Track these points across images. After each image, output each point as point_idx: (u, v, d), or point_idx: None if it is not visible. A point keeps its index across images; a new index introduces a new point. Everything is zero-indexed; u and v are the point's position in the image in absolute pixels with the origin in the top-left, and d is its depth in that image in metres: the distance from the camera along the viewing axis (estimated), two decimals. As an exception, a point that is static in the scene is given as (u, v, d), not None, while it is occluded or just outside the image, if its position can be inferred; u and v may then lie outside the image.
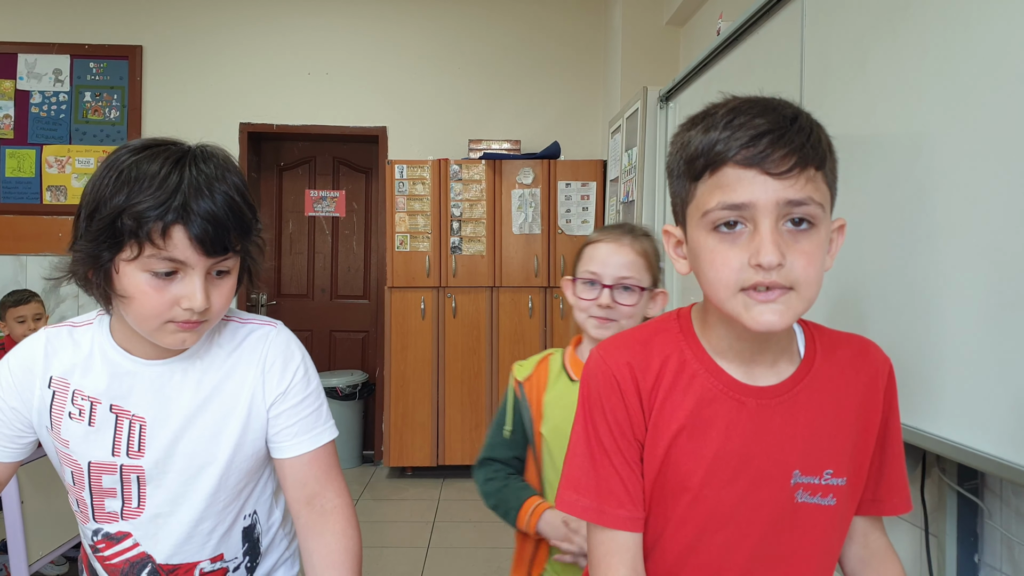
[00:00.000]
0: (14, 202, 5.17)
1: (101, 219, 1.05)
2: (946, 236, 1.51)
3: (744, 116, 0.87)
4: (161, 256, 1.04)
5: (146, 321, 1.09)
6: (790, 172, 0.85)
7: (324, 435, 1.26)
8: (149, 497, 1.19)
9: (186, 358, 1.20)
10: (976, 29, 1.44)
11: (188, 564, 1.22)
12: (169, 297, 1.07)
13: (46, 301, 5.15)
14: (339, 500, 1.25)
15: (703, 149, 0.89)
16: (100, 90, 5.24)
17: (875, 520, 1.10)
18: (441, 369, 4.98)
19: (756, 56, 2.55)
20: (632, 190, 3.82)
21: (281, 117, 5.33)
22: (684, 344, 1.03)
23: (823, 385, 1.01)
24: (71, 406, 1.17)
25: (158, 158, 1.06)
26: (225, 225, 1.06)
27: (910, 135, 1.62)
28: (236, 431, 1.21)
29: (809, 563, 1.02)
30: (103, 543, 1.21)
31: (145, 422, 1.17)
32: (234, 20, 5.32)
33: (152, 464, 1.18)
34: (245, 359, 1.23)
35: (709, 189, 0.89)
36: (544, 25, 5.42)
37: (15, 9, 5.22)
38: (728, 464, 0.99)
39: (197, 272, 1.07)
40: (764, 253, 0.86)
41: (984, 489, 1.68)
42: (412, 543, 3.93)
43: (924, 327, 1.57)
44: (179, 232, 1.03)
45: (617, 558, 1.01)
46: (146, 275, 1.06)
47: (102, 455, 1.17)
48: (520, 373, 1.63)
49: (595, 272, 1.53)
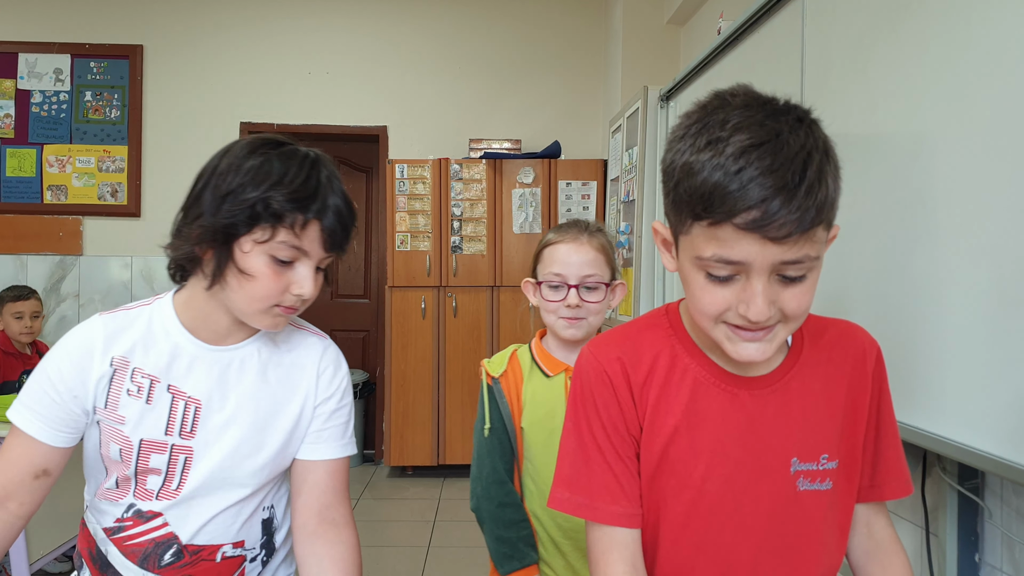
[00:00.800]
0: (15, 201, 5.18)
1: (239, 201, 1.12)
2: (947, 235, 1.50)
3: (753, 168, 0.81)
4: (290, 244, 1.13)
5: (256, 301, 1.16)
6: (789, 238, 0.83)
7: (349, 448, 1.32)
8: (190, 480, 1.21)
9: (248, 348, 1.26)
10: (977, 28, 1.44)
11: (212, 546, 1.23)
12: (284, 282, 1.15)
13: (46, 300, 5.17)
14: (349, 517, 1.29)
15: (705, 195, 0.84)
16: (101, 89, 5.24)
17: (878, 509, 1.09)
18: (442, 368, 4.98)
19: (757, 55, 2.55)
20: (633, 189, 3.82)
21: (282, 116, 5.33)
22: (675, 339, 1.03)
23: (812, 371, 1.02)
24: (129, 383, 1.19)
25: (295, 155, 1.16)
26: (347, 225, 1.17)
27: (910, 134, 1.62)
28: (287, 426, 1.26)
29: (815, 550, 1.02)
30: (131, 521, 1.21)
31: (200, 405, 1.21)
32: (234, 20, 5.32)
33: (201, 446, 1.21)
34: (302, 361, 1.30)
35: (706, 238, 0.87)
36: (545, 24, 5.42)
37: (16, 8, 5.22)
38: (727, 457, 0.99)
39: (312, 263, 1.16)
40: (753, 310, 0.86)
41: (985, 488, 1.68)
42: (413, 542, 3.93)
43: (925, 326, 1.57)
44: (315, 226, 1.14)
45: (616, 555, 1.01)
46: (267, 258, 1.14)
47: (155, 433, 1.19)
48: (494, 369, 1.64)
49: (559, 273, 1.55)
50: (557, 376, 1.58)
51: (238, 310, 1.19)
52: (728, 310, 0.89)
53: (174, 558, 1.22)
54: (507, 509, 1.56)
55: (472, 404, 4.97)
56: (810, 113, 0.89)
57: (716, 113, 0.88)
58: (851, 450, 1.03)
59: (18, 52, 5.20)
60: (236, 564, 1.27)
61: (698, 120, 0.89)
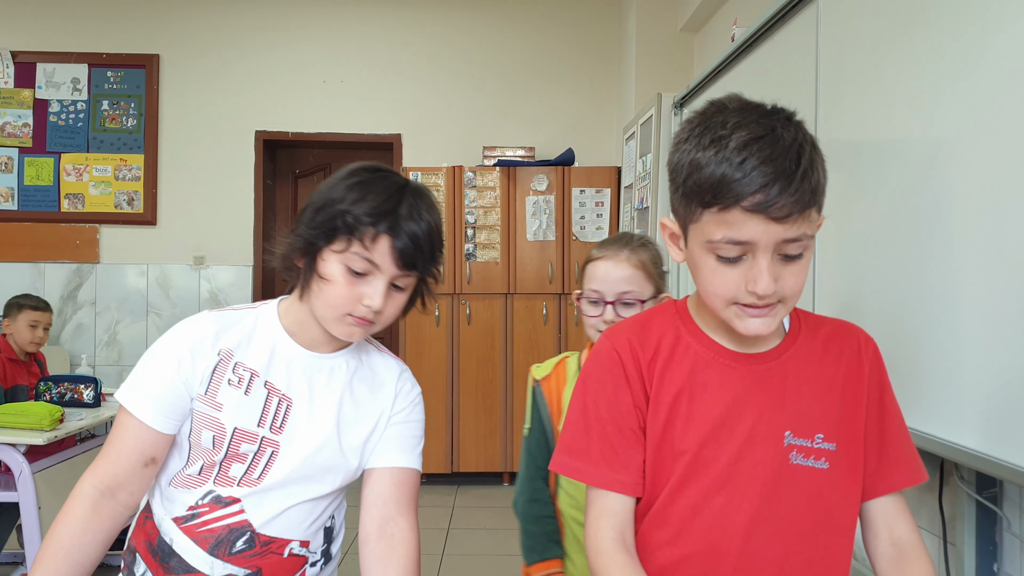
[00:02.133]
0: (32, 210, 5.23)
1: (326, 214, 1.22)
2: (963, 241, 1.50)
3: (755, 158, 0.93)
4: (362, 256, 1.20)
5: (331, 308, 1.24)
6: (789, 217, 0.94)
7: (414, 461, 1.36)
8: (272, 472, 1.26)
9: (339, 359, 1.34)
10: (992, 32, 1.43)
11: (282, 540, 1.28)
12: (356, 292, 1.22)
13: (63, 308, 5.21)
14: (411, 534, 1.31)
15: (713, 184, 0.95)
16: (117, 99, 5.29)
17: (898, 509, 1.10)
18: (456, 376, 4.99)
19: (771, 62, 2.54)
20: (647, 196, 3.81)
21: (296, 125, 5.36)
22: (679, 322, 1.13)
23: (808, 354, 1.09)
24: (231, 374, 1.27)
25: (387, 179, 1.25)
26: (421, 247, 1.22)
27: (926, 140, 1.61)
28: (363, 434, 1.33)
29: (812, 530, 1.05)
30: (207, 507, 1.25)
31: (292, 403, 1.28)
32: (250, 29, 5.36)
33: (288, 441, 1.27)
34: (382, 379, 1.38)
35: (715, 223, 0.97)
36: (558, 32, 5.43)
37: (34, 19, 5.27)
38: (723, 424, 1.05)
39: (384, 278, 1.22)
40: (761, 285, 0.97)
41: (1003, 497, 1.66)
42: (426, 550, 3.92)
43: (941, 333, 1.56)
44: (385, 241, 1.20)
45: (607, 520, 1.08)
46: (343, 268, 1.21)
47: (249, 424, 1.26)
48: (539, 372, 1.71)
49: (597, 290, 1.59)
50: None
51: (319, 315, 1.27)
52: (737, 291, 0.99)
53: (246, 545, 1.25)
54: (535, 505, 1.64)
55: (486, 411, 4.98)
56: (796, 114, 1.01)
57: (715, 116, 0.99)
58: (850, 438, 1.07)
59: (36, 62, 5.26)
60: (299, 564, 1.30)
61: (700, 124, 1.01)
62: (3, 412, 2.88)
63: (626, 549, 1.08)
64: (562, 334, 5.00)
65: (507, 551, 3.86)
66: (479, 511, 4.55)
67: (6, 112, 5.23)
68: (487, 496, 4.83)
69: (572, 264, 4.95)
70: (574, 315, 4.96)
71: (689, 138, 1.00)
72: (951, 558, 1.75)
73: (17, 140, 5.23)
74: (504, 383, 4.98)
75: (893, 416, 1.11)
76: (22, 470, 2.76)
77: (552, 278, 4.97)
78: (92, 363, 5.16)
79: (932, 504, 1.79)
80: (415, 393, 1.42)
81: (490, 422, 4.98)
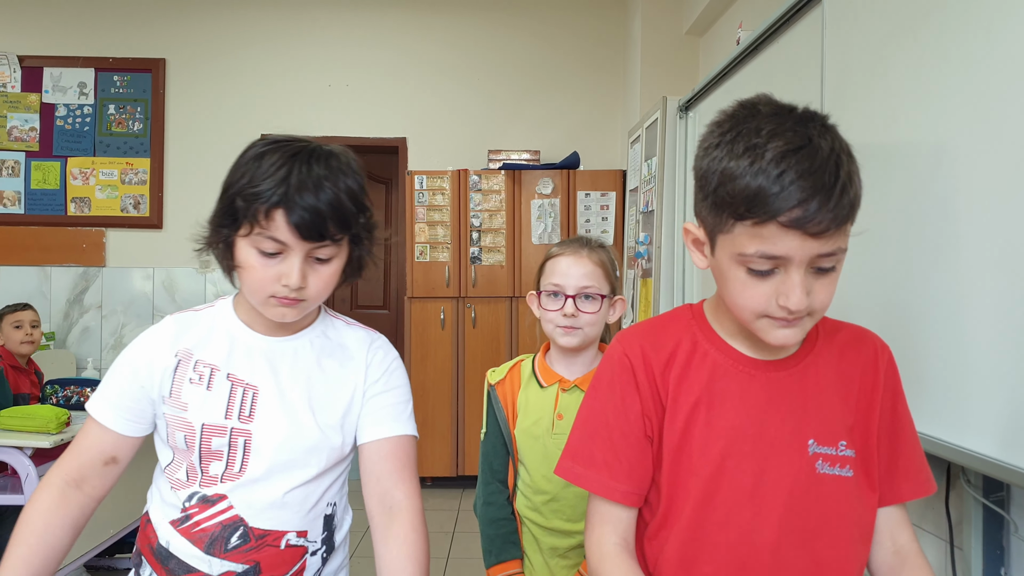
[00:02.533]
0: (39, 213, 5.24)
1: (226, 200, 1.21)
2: (969, 245, 1.49)
3: (793, 172, 0.89)
4: (266, 235, 1.18)
5: (254, 292, 1.24)
6: (826, 232, 0.91)
7: (405, 427, 1.35)
8: (251, 463, 1.26)
9: (302, 340, 1.34)
10: (998, 35, 1.43)
11: (278, 532, 1.27)
12: (272, 273, 1.20)
13: (69, 311, 5.22)
14: (408, 502, 1.31)
15: (749, 197, 0.91)
16: (124, 103, 5.31)
17: (901, 520, 1.10)
18: (461, 379, 4.99)
19: (776, 65, 2.54)
20: (652, 200, 3.81)
21: (302, 129, 5.31)
22: (696, 328, 1.10)
23: (826, 361, 1.07)
24: (192, 372, 1.28)
25: (278, 152, 1.21)
26: (323, 216, 1.19)
27: (932, 143, 1.61)
28: (340, 410, 1.32)
29: (839, 539, 1.03)
30: (196, 507, 1.26)
31: (258, 390, 1.28)
32: (255, 33, 5.37)
33: (260, 429, 1.27)
34: (351, 352, 1.36)
35: (749, 236, 0.94)
36: (563, 35, 5.43)
37: (41, 24, 5.29)
38: (745, 435, 1.03)
39: (297, 254, 1.20)
40: (793, 300, 0.94)
41: (1010, 501, 1.65)
42: (432, 553, 3.91)
43: (947, 336, 1.55)
44: (280, 216, 1.17)
45: (610, 527, 1.08)
46: (255, 251, 1.20)
47: (215, 418, 1.26)
48: (493, 377, 1.76)
49: (558, 284, 1.63)
50: (550, 387, 1.68)
51: (250, 302, 1.28)
52: (768, 304, 0.96)
53: (241, 540, 1.25)
54: (490, 508, 1.69)
55: (491, 415, 4.97)
56: (828, 118, 0.97)
57: (748, 121, 0.95)
58: (865, 444, 1.06)
59: (43, 66, 5.28)
60: (298, 554, 1.30)
61: (731, 128, 0.96)
62: (10, 415, 2.89)
63: (629, 553, 1.07)
64: (567, 337, 4.99)
65: (512, 555, 3.85)
66: (484, 514, 4.54)
67: (13, 116, 5.25)
68: (492, 499, 4.82)
69: (577, 267, 4.94)
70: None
71: (720, 144, 0.96)
72: (958, 562, 1.75)
73: (24, 144, 5.25)
74: (509, 386, 4.97)
75: (905, 425, 1.09)
76: (28, 473, 2.76)
77: (557, 281, 4.95)
78: (98, 366, 5.17)
79: (939, 508, 1.79)
80: (389, 359, 1.39)
81: (495, 425, 4.97)
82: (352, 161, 1.30)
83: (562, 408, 1.63)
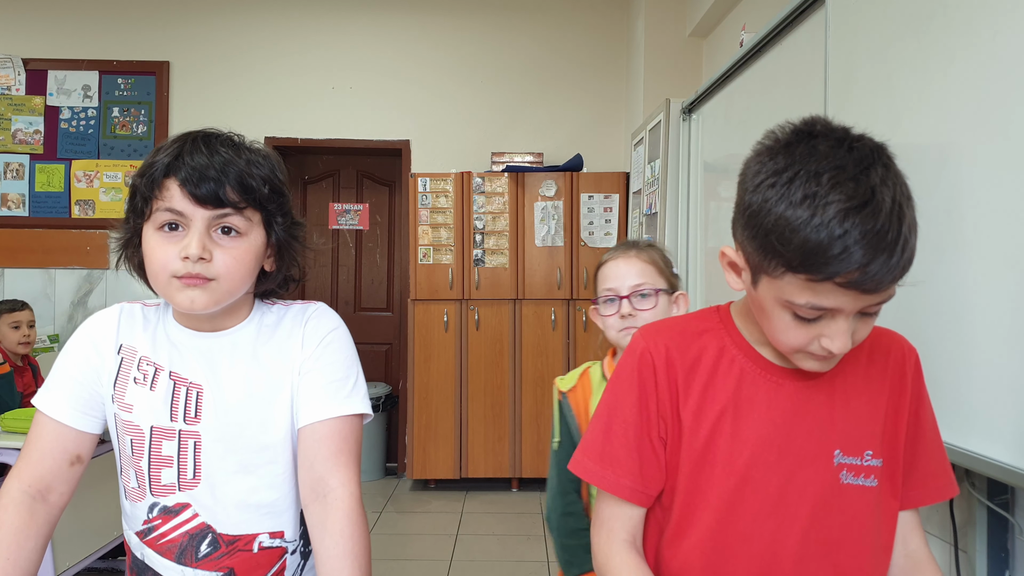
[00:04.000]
0: (44, 216, 5.25)
1: (131, 192, 1.18)
2: (975, 247, 1.49)
3: (857, 232, 0.84)
4: (162, 208, 1.13)
5: (156, 278, 1.16)
6: (883, 289, 0.89)
7: (342, 407, 1.22)
8: (204, 465, 1.20)
9: (241, 332, 1.26)
10: (1003, 37, 1.42)
11: (248, 535, 1.22)
12: (173, 250, 1.13)
13: (73, 313, 5.23)
14: (342, 491, 1.18)
15: (807, 253, 0.86)
16: (128, 105, 5.32)
17: (914, 524, 1.09)
18: (464, 381, 4.99)
19: (780, 67, 2.54)
20: (655, 202, 3.81)
21: (305, 131, 5.37)
22: (724, 332, 1.08)
23: (855, 369, 1.05)
24: (136, 371, 1.22)
25: (181, 136, 1.19)
26: (216, 173, 1.13)
27: (937, 146, 1.60)
28: (287, 399, 1.24)
29: (861, 549, 1.02)
30: (159, 519, 1.20)
31: (202, 389, 1.21)
32: (259, 36, 5.38)
33: (209, 429, 1.20)
34: (287, 330, 1.28)
35: (801, 287, 0.90)
36: (566, 37, 5.44)
37: (45, 27, 5.30)
38: (772, 444, 1.02)
39: (196, 224, 1.13)
40: (838, 345, 0.92)
41: (1015, 504, 1.65)
42: (435, 556, 3.92)
43: (953, 339, 1.55)
44: (172, 182, 1.12)
45: (619, 524, 1.07)
46: (157, 233, 1.15)
47: (162, 420, 1.20)
48: (564, 384, 1.70)
49: (612, 288, 1.61)
50: None
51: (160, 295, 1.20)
52: (810, 344, 0.94)
53: (210, 548, 1.20)
54: (569, 518, 1.64)
55: (495, 417, 4.97)
56: (886, 149, 0.93)
57: (805, 161, 0.89)
58: (893, 452, 1.05)
59: (47, 69, 5.29)
60: (276, 556, 1.24)
61: (785, 164, 0.90)
62: (14, 417, 2.90)
63: (637, 552, 1.06)
64: (571, 340, 4.99)
65: (516, 557, 3.86)
66: (488, 517, 4.55)
67: (17, 119, 5.26)
68: (496, 502, 4.83)
69: (581, 270, 4.95)
70: (582, 321, 4.96)
71: (776, 183, 0.90)
72: (962, 565, 1.74)
73: (28, 147, 5.26)
74: (513, 389, 4.98)
75: (928, 430, 1.08)
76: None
77: (560, 284, 4.96)
78: (102, 369, 5.17)
79: (944, 511, 1.78)
80: (324, 329, 1.28)
81: (499, 428, 4.98)
82: (267, 150, 1.25)
83: None
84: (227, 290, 1.17)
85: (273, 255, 1.25)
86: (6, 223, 5.24)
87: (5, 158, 5.26)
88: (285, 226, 1.23)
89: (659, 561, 1.09)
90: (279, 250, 1.25)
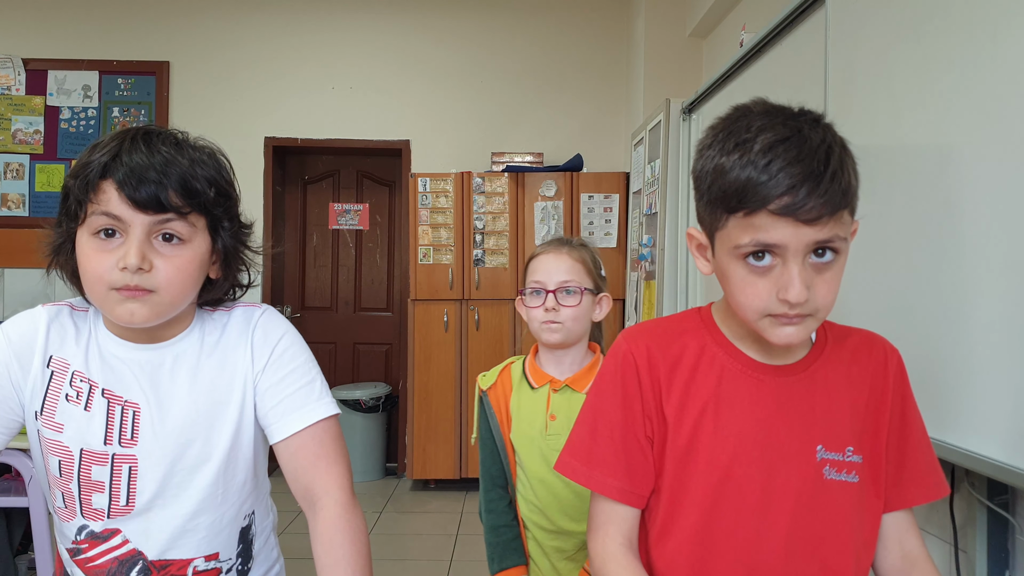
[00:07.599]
0: (44, 216, 5.25)
1: (63, 191, 1.08)
2: (975, 247, 1.49)
3: (781, 160, 0.90)
4: (98, 212, 1.04)
5: (92, 289, 1.07)
6: (820, 219, 0.91)
7: (313, 413, 1.17)
8: (140, 491, 1.12)
9: (177, 344, 1.16)
10: (1003, 38, 1.42)
11: (182, 561, 1.15)
12: (109, 259, 1.05)
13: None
14: (326, 498, 1.14)
15: (739, 189, 0.92)
16: (128, 105, 5.32)
17: (909, 524, 1.10)
18: (464, 381, 4.98)
19: (780, 67, 2.54)
20: (655, 202, 3.81)
21: (306, 131, 5.37)
22: (704, 331, 1.09)
23: (835, 366, 1.07)
24: (69, 388, 1.11)
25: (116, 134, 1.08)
26: (157, 175, 1.04)
27: (937, 145, 1.60)
28: (234, 417, 1.16)
29: (844, 545, 1.03)
30: (87, 543, 1.13)
31: (139, 408, 1.12)
32: (259, 36, 5.38)
33: (146, 453, 1.12)
34: (232, 341, 1.19)
35: (742, 227, 0.94)
36: (566, 37, 5.43)
37: (45, 27, 5.30)
38: (754, 440, 1.03)
39: (135, 231, 1.04)
40: (792, 292, 0.93)
41: (1015, 504, 1.65)
42: (435, 556, 3.92)
43: (953, 340, 1.55)
44: (108, 185, 1.03)
45: (614, 527, 1.07)
46: (93, 239, 1.06)
47: (94, 443, 1.11)
48: (484, 382, 1.73)
49: (539, 281, 1.65)
50: (541, 388, 1.66)
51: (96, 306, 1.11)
52: (769, 301, 0.95)
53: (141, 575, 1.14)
54: (492, 515, 1.69)
55: (494, 417, 4.96)
56: (824, 117, 0.97)
57: (740, 120, 0.96)
58: (874, 450, 1.06)
59: (48, 69, 5.28)
60: None
61: (723, 128, 0.98)
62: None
63: (634, 554, 1.07)
64: (571, 340, 4.98)
65: (516, 557, 3.85)
66: (488, 517, 4.54)
67: (17, 119, 5.26)
68: (496, 502, 4.82)
69: (581, 270, 4.94)
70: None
71: (713, 143, 0.98)
72: (962, 565, 1.74)
73: (28, 147, 5.26)
74: (513, 389, 4.97)
75: (914, 430, 1.09)
76: (32, 475, 2.77)
77: (561, 284, 4.95)
78: (102, 369, 5.17)
79: (943, 511, 1.78)
80: (273, 337, 1.20)
81: (499, 428, 4.96)
82: (213, 148, 1.16)
83: (554, 409, 1.62)
84: (169, 302, 1.09)
85: (219, 262, 1.17)
86: (6, 223, 5.24)
87: (5, 158, 5.26)
88: (232, 231, 1.15)
89: (647, 560, 1.10)
90: (225, 257, 1.16)
